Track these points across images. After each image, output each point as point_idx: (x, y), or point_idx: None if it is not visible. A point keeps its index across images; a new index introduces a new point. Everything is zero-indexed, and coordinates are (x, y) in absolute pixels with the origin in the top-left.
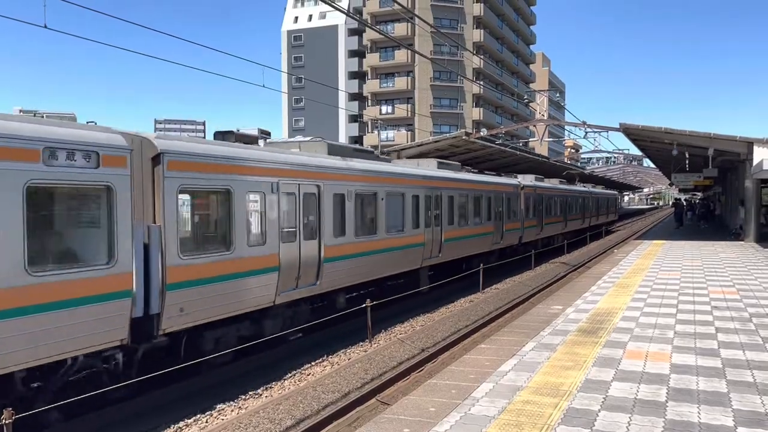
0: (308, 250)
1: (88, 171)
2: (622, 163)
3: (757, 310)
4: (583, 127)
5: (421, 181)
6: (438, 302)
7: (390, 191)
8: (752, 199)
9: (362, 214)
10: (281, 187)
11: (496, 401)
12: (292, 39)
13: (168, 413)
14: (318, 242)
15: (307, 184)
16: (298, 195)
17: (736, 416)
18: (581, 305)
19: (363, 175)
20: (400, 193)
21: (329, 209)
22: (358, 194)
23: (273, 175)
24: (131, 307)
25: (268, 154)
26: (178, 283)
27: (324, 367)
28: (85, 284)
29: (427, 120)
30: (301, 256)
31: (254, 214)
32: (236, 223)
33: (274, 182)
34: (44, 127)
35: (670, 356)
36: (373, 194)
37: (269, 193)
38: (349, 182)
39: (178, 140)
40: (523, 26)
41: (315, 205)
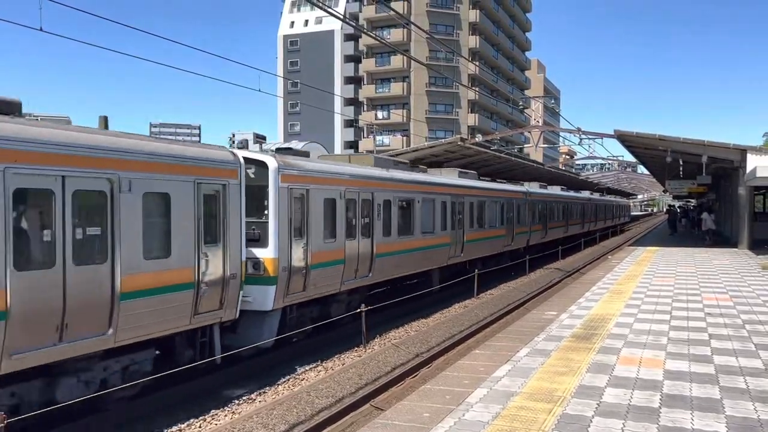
0: (364, 247)
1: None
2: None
3: (750, 316)
4: (577, 134)
5: (448, 189)
6: (433, 307)
7: (424, 197)
8: (745, 206)
9: (403, 217)
10: (346, 194)
11: (491, 407)
12: (288, 44)
13: (161, 417)
14: (371, 240)
15: (364, 192)
16: (357, 200)
17: (729, 422)
18: (575, 311)
19: (404, 184)
20: (432, 199)
21: (379, 213)
22: (401, 200)
23: (340, 184)
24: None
25: (337, 167)
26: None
27: (318, 372)
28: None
29: (423, 125)
30: (360, 252)
31: (328, 215)
32: (312, 221)
33: (341, 190)
34: (204, 150)
35: (663, 362)
36: (411, 200)
37: (338, 199)
38: (394, 190)
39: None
40: (518, 32)
41: (369, 209)
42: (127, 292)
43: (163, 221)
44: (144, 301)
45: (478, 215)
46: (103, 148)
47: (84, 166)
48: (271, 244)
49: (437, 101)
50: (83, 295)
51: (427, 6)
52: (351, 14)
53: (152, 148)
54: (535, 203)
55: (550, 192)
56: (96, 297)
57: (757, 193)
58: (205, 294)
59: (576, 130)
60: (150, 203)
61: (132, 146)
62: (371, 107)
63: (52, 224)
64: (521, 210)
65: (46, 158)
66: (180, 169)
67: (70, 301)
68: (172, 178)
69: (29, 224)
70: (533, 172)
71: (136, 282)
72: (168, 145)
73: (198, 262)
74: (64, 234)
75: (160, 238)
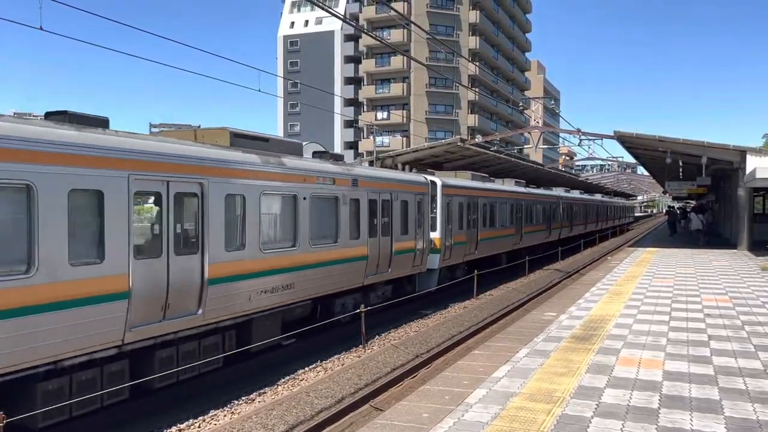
0: (473, 234)
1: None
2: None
3: (750, 318)
4: (577, 135)
5: (513, 195)
6: (432, 308)
7: (501, 201)
8: (745, 207)
9: (491, 215)
10: (467, 200)
11: (490, 407)
12: (288, 44)
13: (161, 418)
14: (477, 230)
15: (474, 199)
16: (471, 204)
17: (728, 423)
18: (575, 312)
19: (487, 191)
20: (504, 202)
21: (481, 211)
22: (490, 204)
23: (465, 194)
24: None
25: (463, 182)
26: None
27: (317, 372)
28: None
29: (423, 126)
30: (472, 237)
31: (461, 213)
32: (453, 217)
33: (468, 198)
34: (418, 176)
35: (662, 363)
36: (494, 203)
37: (464, 203)
38: (485, 197)
39: (445, 177)
40: (518, 33)
41: (476, 209)
42: (398, 251)
43: (407, 216)
44: (403, 258)
45: (529, 214)
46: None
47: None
48: (438, 230)
49: (437, 102)
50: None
51: (427, 6)
52: (351, 14)
53: (402, 176)
54: (564, 205)
55: (574, 196)
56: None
57: (756, 194)
58: (416, 256)
59: (576, 130)
60: (400, 207)
61: (392, 176)
62: (371, 108)
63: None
64: (555, 211)
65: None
66: (409, 187)
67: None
68: (406, 190)
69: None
70: (532, 173)
71: (400, 247)
72: (406, 175)
73: (416, 238)
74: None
75: (413, 225)
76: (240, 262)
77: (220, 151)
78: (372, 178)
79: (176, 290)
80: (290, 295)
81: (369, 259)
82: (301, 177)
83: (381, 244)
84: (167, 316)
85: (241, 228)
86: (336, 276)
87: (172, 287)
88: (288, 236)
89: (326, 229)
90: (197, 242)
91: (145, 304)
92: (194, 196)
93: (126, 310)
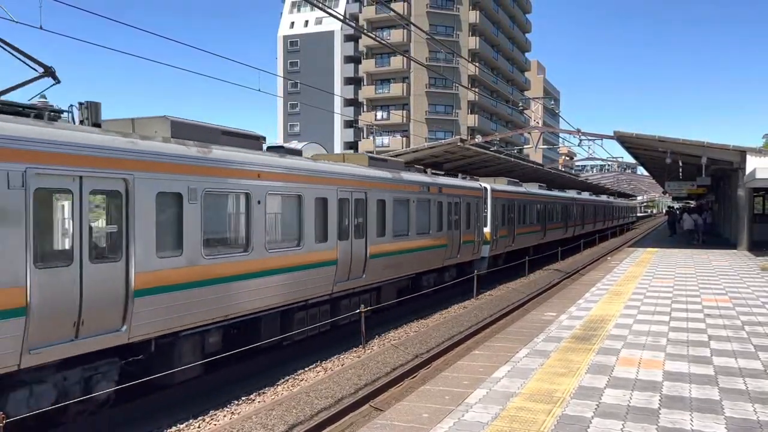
0: (511, 230)
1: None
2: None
3: (750, 318)
4: (577, 135)
5: (540, 198)
6: (432, 308)
7: (531, 203)
8: (745, 207)
9: (522, 213)
10: (513, 202)
11: (490, 407)
12: (288, 44)
13: (160, 418)
14: (514, 226)
15: (521, 202)
16: (516, 205)
17: (728, 424)
18: (575, 312)
19: (524, 195)
20: (534, 203)
21: (517, 211)
22: (523, 205)
23: (509, 197)
24: (478, 247)
25: (509, 188)
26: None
27: (317, 372)
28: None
29: (423, 126)
30: (511, 232)
31: (504, 213)
32: (498, 215)
33: (510, 200)
34: (474, 183)
35: (663, 363)
36: (526, 204)
37: (507, 204)
38: (519, 199)
39: (492, 183)
40: (518, 34)
41: (522, 210)
42: (464, 242)
43: (470, 215)
44: (467, 247)
45: (550, 214)
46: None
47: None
48: (488, 225)
49: (437, 102)
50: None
51: (427, 7)
52: (351, 15)
53: (467, 184)
54: (578, 206)
55: (585, 197)
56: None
57: (756, 194)
58: (475, 246)
59: (576, 131)
60: (465, 208)
61: (461, 183)
62: (371, 108)
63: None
64: (570, 210)
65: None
66: (470, 192)
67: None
68: (468, 195)
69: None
70: (532, 174)
71: (465, 238)
72: (469, 182)
73: (475, 232)
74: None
75: (474, 221)
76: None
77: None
78: (450, 186)
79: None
80: (395, 272)
81: (447, 248)
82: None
83: (454, 236)
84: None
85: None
86: (424, 259)
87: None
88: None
89: (422, 225)
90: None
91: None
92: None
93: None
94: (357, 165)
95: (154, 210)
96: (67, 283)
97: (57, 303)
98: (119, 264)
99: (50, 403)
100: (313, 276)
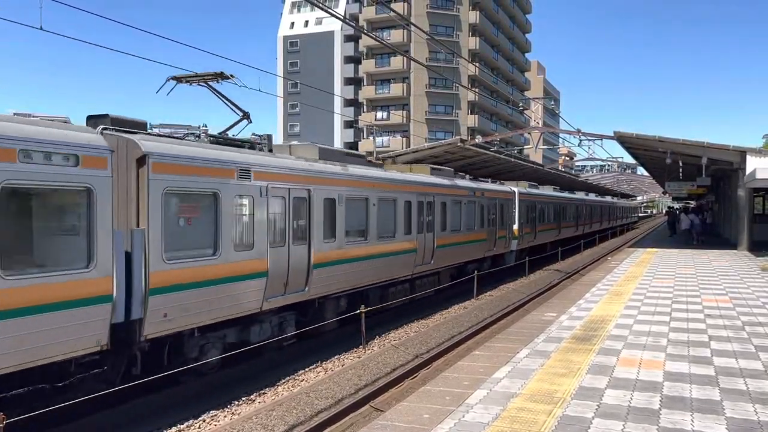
0: (533, 228)
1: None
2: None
3: (750, 318)
4: (577, 135)
5: (571, 201)
6: (432, 308)
7: (567, 204)
8: (745, 207)
9: (554, 214)
10: (537, 203)
11: (491, 408)
12: (288, 44)
13: (161, 418)
14: (535, 225)
15: (546, 204)
16: (546, 206)
17: (729, 424)
18: (575, 312)
19: (559, 198)
20: (573, 205)
21: (544, 211)
22: (559, 206)
23: (533, 199)
24: (509, 241)
25: (533, 191)
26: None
27: (317, 373)
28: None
29: (423, 126)
30: (532, 229)
31: (529, 213)
32: (523, 215)
33: (532, 201)
34: (504, 187)
35: (663, 364)
36: (564, 206)
37: (537, 205)
38: (558, 202)
39: (519, 187)
40: (518, 34)
41: (551, 211)
42: (499, 237)
43: (502, 214)
44: (501, 241)
45: (564, 213)
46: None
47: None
48: (517, 223)
49: (437, 102)
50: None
51: (427, 7)
52: (351, 15)
53: (502, 188)
54: (587, 207)
55: (593, 198)
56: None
57: (756, 194)
58: (507, 240)
59: (576, 131)
60: (501, 208)
61: (498, 188)
62: (371, 108)
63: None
64: (581, 211)
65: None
66: (503, 195)
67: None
68: (501, 197)
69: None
70: (532, 174)
71: (500, 234)
72: (503, 186)
73: (507, 229)
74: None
75: (506, 220)
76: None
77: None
78: (489, 190)
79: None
80: (451, 260)
81: (487, 242)
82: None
83: (492, 232)
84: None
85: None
86: (471, 250)
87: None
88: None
89: (470, 222)
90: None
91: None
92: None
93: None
94: (422, 174)
95: (322, 210)
96: (283, 258)
97: (279, 270)
98: (306, 246)
99: (267, 336)
100: (402, 260)
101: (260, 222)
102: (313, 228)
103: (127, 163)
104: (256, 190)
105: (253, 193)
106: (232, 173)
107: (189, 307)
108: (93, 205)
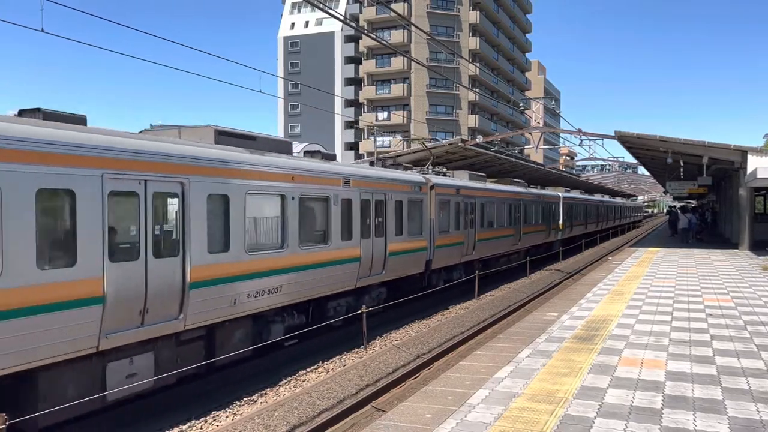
0: (570, 224)
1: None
2: (616, 170)
3: (752, 317)
4: (578, 135)
5: (595, 203)
6: (433, 308)
7: (589, 205)
8: (746, 207)
9: (577, 212)
10: (562, 202)
11: (492, 408)
12: (288, 45)
13: (163, 418)
14: (571, 222)
15: (572, 203)
16: (573, 205)
17: (731, 423)
18: (576, 312)
19: (587, 201)
20: (594, 205)
21: (572, 210)
22: (589, 208)
23: (555, 200)
24: (553, 233)
25: (554, 193)
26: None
27: (319, 373)
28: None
29: (423, 126)
30: (568, 224)
31: (566, 211)
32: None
33: (555, 200)
34: (549, 192)
35: (665, 363)
36: (588, 206)
37: (560, 204)
38: (587, 204)
39: (563, 192)
40: (518, 34)
41: (580, 210)
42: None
43: (552, 212)
44: (553, 232)
45: (590, 212)
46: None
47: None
48: (561, 219)
49: (437, 103)
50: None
51: (428, 7)
52: (351, 15)
53: (551, 192)
54: (599, 207)
55: (603, 199)
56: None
57: (757, 194)
58: (556, 231)
59: (576, 131)
60: (549, 207)
61: (547, 193)
62: (371, 108)
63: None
64: (591, 210)
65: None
66: (554, 198)
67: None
68: (553, 200)
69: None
70: (532, 174)
71: (553, 226)
72: (552, 191)
73: (551, 224)
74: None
75: (555, 217)
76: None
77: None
78: (545, 195)
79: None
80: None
81: (545, 232)
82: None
83: (547, 224)
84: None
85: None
86: (539, 236)
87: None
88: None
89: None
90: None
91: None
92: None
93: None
94: (518, 186)
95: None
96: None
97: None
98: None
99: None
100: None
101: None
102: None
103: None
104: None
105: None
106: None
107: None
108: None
